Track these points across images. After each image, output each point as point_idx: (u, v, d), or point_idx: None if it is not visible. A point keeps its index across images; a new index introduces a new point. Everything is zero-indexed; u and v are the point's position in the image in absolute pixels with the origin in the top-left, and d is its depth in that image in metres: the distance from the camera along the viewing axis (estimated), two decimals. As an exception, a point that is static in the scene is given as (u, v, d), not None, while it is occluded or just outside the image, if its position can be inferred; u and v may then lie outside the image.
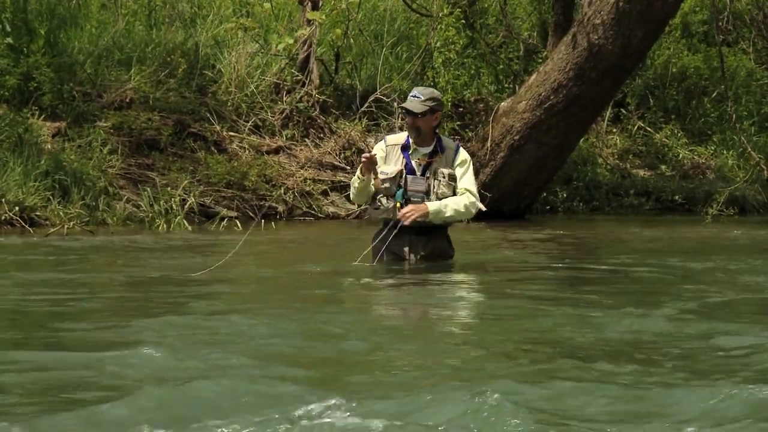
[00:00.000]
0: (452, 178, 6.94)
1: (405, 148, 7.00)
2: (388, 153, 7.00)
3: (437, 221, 6.97)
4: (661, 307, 5.42)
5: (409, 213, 6.84)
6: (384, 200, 6.96)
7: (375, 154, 6.91)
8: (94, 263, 7.93)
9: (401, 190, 6.92)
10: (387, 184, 6.94)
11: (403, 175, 6.94)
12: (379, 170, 6.92)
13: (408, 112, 6.99)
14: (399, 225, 6.91)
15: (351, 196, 7.23)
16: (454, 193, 6.96)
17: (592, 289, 6.50)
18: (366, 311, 5.70)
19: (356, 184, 6.98)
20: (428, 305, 5.83)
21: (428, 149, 6.99)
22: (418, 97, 6.97)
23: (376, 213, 7.01)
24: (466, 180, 7.00)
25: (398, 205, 6.91)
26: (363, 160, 6.87)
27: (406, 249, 7.05)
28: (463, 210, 6.95)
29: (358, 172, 6.95)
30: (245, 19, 13.91)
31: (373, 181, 6.92)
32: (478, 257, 8.51)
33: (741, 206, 14.73)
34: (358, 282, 6.71)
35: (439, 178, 6.91)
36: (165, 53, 13.48)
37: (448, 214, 6.94)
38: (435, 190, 6.91)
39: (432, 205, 6.88)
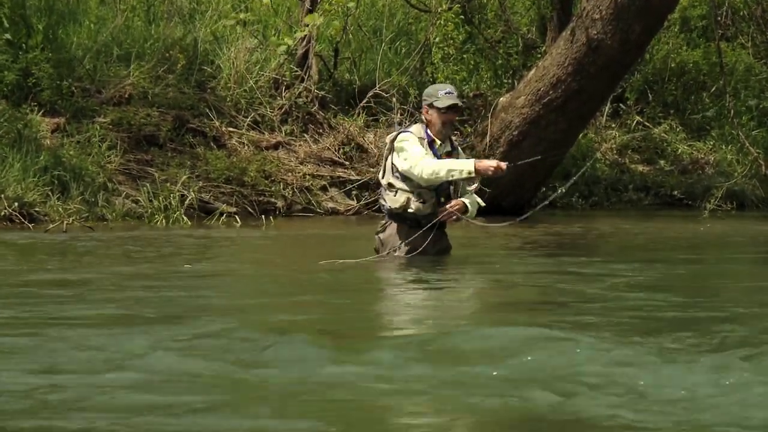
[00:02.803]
0: None
1: (431, 143, 7.07)
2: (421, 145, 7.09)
3: (462, 218, 7.14)
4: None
5: (451, 210, 6.97)
6: (427, 195, 7.02)
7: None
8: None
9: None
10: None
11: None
12: None
13: (454, 107, 7.04)
14: (437, 220, 7.04)
15: (432, 175, 6.90)
16: None
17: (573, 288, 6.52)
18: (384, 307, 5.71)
19: (455, 175, 6.90)
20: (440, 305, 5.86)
21: (446, 146, 7.13)
22: (453, 93, 7.07)
23: (422, 209, 7.04)
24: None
25: (442, 199, 7.05)
26: (502, 165, 6.88)
27: (424, 243, 7.11)
28: (477, 209, 7.19)
29: (470, 167, 6.85)
30: (244, 14, 13.88)
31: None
32: (479, 255, 8.53)
33: (740, 201, 14.72)
34: (372, 275, 6.79)
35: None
36: (164, 49, 13.47)
37: (474, 215, 7.18)
38: (460, 185, 7.05)
39: (467, 203, 7.06)
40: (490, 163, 6.92)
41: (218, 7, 14.64)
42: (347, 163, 13.33)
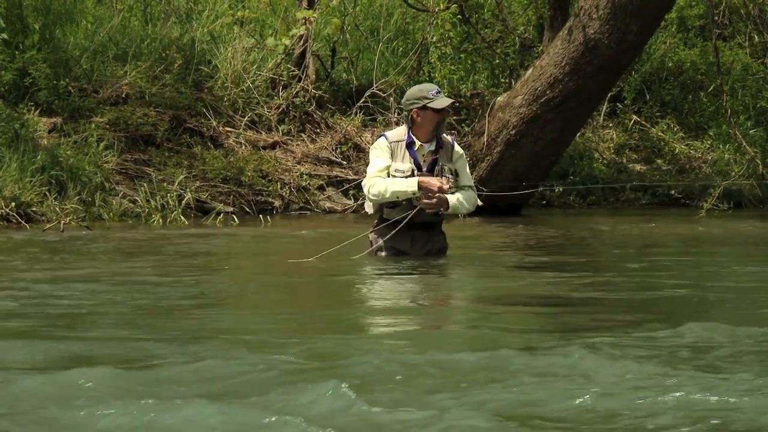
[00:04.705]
0: (453, 172, 7.03)
1: (410, 145, 7.02)
2: (393, 150, 7.02)
3: (447, 213, 7.09)
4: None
5: (432, 201, 6.88)
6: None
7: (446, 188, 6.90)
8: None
9: None
10: None
11: (414, 173, 6.97)
12: (392, 168, 6.95)
13: (444, 109, 7.02)
14: (407, 218, 6.95)
15: (377, 196, 6.97)
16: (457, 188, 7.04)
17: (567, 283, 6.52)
18: (361, 309, 5.71)
19: (401, 196, 6.91)
20: (424, 305, 5.85)
21: (431, 146, 7.04)
22: (441, 91, 7.06)
23: (395, 212, 7.00)
24: (468, 176, 7.19)
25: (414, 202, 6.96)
26: (444, 186, 6.86)
27: (409, 244, 7.10)
28: (471, 207, 7.13)
29: (414, 187, 6.88)
30: (242, 11, 13.85)
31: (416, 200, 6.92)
32: (477, 253, 8.53)
33: (737, 201, 14.72)
34: (359, 276, 6.75)
35: (447, 175, 6.99)
36: (161, 48, 13.47)
37: (461, 210, 7.12)
38: (447, 187, 6.96)
39: (451, 199, 6.96)
40: (432, 183, 6.87)
41: (215, 7, 14.63)
42: (344, 162, 13.34)
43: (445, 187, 6.87)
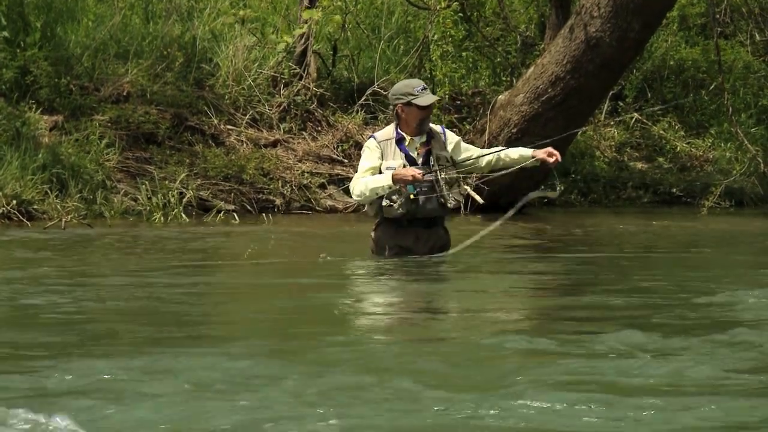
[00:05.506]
0: (450, 161, 7.03)
1: (399, 141, 7.03)
2: (384, 149, 7.03)
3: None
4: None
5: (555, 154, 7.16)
6: (395, 196, 6.95)
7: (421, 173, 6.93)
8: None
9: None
10: None
11: (406, 167, 6.97)
12: (383, 167, 6.96)
13: (429, 106, 7.02)
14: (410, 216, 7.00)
15: (359, 196, 7.03)
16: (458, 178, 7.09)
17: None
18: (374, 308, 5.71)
19: (379, 192, 6.92)
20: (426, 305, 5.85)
21: (422, 138, 7.05)
22: (426, 88, 7.06)
23: (393, 209, 6.99)
24: (476, 148, 7.40)
25: (411, 196, 6.94)
26: (417, 175, 6.86)
27: (412, 241, 7.10)
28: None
29: (389, 181, 6.89)
30: (244, 10, 13.83)
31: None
32: (479, 251, 8.52)
33: (738, 199, 14.71)
34: (370, 274, 6.76)
35: (443, 163, 6.99)
36: (162, 47, 13.46)
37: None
38: (442, 175, 6.95)
39: (523, 150, 7.36)
40: (406, 173, 6.88)
41: (216, 5, 14.62)
42: (346, 161, 13.33)
43: (418, 175, 6.86)
